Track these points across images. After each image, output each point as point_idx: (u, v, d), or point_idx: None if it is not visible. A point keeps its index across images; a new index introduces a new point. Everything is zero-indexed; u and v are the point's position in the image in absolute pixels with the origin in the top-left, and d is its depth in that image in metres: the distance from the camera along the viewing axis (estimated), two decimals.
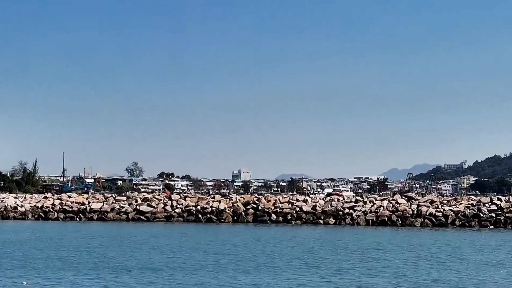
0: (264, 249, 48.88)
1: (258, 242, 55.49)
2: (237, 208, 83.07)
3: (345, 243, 55.16)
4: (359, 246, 52.57)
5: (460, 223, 77.54)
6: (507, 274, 36.57)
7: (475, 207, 79.77)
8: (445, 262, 41.78)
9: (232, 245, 52.46)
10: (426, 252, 48.47)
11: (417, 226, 77.62)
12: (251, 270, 37.17)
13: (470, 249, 51.48)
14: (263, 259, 42.72)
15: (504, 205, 79.47)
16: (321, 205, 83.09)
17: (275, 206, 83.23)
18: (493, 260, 43.60)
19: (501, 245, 55.12)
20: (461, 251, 49.32)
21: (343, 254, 46.45)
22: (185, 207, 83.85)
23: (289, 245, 53.01)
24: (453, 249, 50.86)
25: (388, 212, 79.89)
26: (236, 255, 44.84)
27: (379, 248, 50.90)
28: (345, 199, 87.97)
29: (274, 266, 38.74)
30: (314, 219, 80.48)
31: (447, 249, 50.73)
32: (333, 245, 53.30)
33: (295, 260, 41.90)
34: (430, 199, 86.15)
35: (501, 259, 44.60)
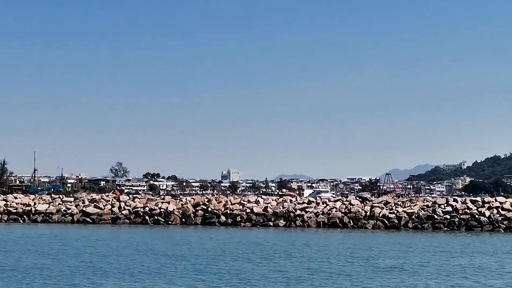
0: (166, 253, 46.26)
1: (164, 245, 52.88)
2: (186, 209, 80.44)
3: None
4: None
5: (414, 225, 74.82)
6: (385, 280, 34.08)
7: (430, 208, 77.00)
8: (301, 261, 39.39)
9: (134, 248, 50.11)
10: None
11: (369, 228, 75.04)
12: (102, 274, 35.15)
13: (369, 251, 48.78)
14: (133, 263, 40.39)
15: (459, 207, 76.71)
16: (273, 206, 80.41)
17: (225, 208, 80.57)
18: (389, 264, 41.12)
19: (425, 248, 52.33)
20: (356, 252, 46.89)
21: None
22: (132, 209, 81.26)
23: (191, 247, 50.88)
24: (351, 250, 48.55)
25: (341, 214, 77.22)
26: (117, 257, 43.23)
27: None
28: (299, 200, 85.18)
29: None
30: (264, 221, 77.87)
31: (344, 251, 48.51)
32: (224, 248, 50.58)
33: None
34: (385, 200, 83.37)
35: (401, 263, 41.91)
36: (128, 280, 33.53)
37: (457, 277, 35.89)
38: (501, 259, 45.49)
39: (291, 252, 47.93)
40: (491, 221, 73.75)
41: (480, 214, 74.76)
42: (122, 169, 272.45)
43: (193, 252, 47.86)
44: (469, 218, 74.54)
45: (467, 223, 74.09)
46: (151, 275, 35.39)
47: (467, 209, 76.09)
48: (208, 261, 41.91)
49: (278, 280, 34.02)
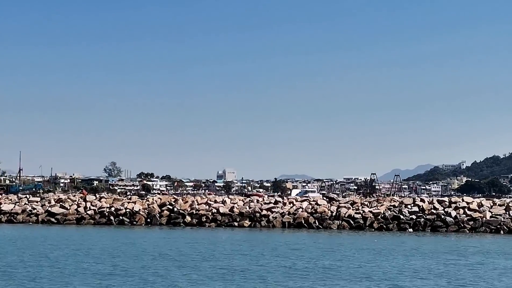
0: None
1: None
2: (152, 209, 79.68)
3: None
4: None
5: (379, 226, 73.92)
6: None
7: (396, 208, 76.10)
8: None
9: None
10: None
11: (334, 228, 74.19)
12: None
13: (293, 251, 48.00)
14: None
15: (426, 207, 75.79)
16: (239, 206, 79.62)
17: (191, 208, 79.80)
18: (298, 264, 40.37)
19: (362, 249, 51.39)
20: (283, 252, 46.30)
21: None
22: (98, 209, 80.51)
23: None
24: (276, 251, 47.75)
25: (306, 214, 76.36)
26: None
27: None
28: (265, 200, 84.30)
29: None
30: (230, 221, 77.07)
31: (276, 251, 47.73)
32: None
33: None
34: (352, 200, 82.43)
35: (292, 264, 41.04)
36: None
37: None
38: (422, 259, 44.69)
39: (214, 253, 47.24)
40: (456, 221, 72.79)
41: (446, 214, 73.83)
42: (116, 168, 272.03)
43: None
44: (435, 219, 73.60)
45: (432, 223, 73.15)
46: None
47: (434, 209, 75.17)
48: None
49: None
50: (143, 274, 35.65)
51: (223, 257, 44.74)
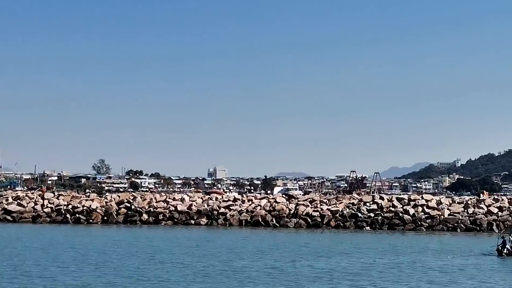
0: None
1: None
2: (110, 207, 78.64)
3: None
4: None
5: (336, 224, 72.82)
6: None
7: (355, 206, 74.98)
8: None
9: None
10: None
11: (291, 226, 73.09)
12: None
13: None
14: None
15: (384, 204, 74.63)
16: (198, 204, 78.53)
17: (149, 205, 78.75)
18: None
19: (277, 247, 50.25)
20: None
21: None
22: (55, 207, 79.44)
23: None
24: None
25: (264, 212, 75.28)
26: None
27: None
28: (224, 198, 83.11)
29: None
30: (187, 219, 76.00)
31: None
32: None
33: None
34: (311, 198, 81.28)
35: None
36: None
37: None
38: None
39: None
40: (414, 219, 71.69)
41: (404, 212, 72.74)
42: (104, 166, 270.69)
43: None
44: (392, 217, 72.55)
45: (390, 221, 72.07)
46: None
47: (392, 207, 74.06)
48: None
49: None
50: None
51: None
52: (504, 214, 70.91)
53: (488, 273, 37.46)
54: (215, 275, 34.71)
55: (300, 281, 33.03)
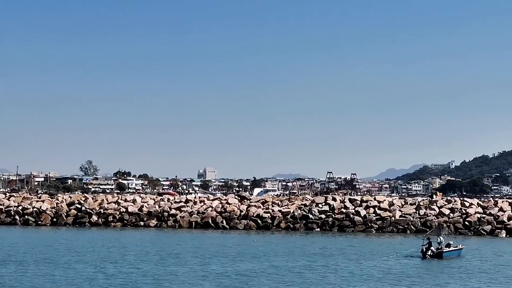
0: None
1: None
2: (60, 208, 77.35)
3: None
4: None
5: (286, 225, 71.40)
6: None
7: (307, 208, 73.55)
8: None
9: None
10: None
11: (241, 228, 71.73)
12: None
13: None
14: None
15: (336, 206, 73.18)
16: (149, 205, 77.18)
17: (100, 207, 77.40)
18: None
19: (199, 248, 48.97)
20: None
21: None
22: (5, 208, 78.16)
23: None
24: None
25: (215, 213, 73.89)
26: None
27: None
28: (176, 199, 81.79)
29: None
30: (137, 221, 74.64)
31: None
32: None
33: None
34: (263, 199, 79.86)
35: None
36: None
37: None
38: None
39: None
40: (365, 221, 70.26)
41: (355, 213, 71.30)
42: (92, 167, 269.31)
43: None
44: (343, 218, 71.10)
45: (340, 223, 70.63)
46: None
47: (344, 208, 72.62)
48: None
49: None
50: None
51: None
52: (456, 215, 69.44)
53: (392, 275, 36.08)
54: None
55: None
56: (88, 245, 52.66)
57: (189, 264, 40.21)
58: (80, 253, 45.98)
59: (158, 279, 33.72)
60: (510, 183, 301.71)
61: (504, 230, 66.70)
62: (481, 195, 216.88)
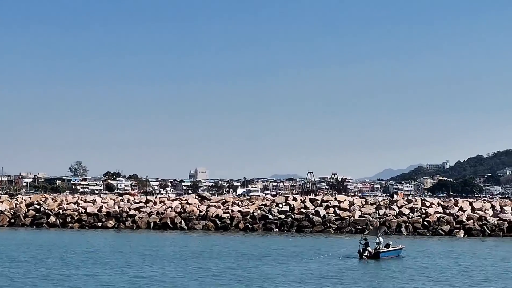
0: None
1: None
2: (19, 209, 76.23)
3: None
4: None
5: (245, 226, 70.23)
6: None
7: (267, 208, 72.41)
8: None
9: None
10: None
11: (199, 229, 70.58)
12: None
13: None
14: None
15: (297, 206, 72.05)
16: (108, 206, 76.04)
17: (59, 207, 76.27)
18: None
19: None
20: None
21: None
22: None
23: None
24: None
25: (174, 214, 72.72)
26: None
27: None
28: (136, 200, 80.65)
29: None
30: (95, 222, 73.46)
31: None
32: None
33: None
34: (224, 199, 78.68)
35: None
36: None
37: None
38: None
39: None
40: (324, 221, 69.12)
41: (315, 214, 70.16)
42: (81, 168, 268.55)
43: None
44: (302, 218, 69.95)
45: (299, 223, 69.48)
46: None
47: (304, 208, 71.48)
48: None
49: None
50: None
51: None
52: (416, 215, 68.31)
53: (319, 276, 34.89)
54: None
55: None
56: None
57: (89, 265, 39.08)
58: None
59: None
60: (502, 183, 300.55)
61: (462, 230, 65.62)
62: (472, 195, 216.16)
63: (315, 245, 54.52)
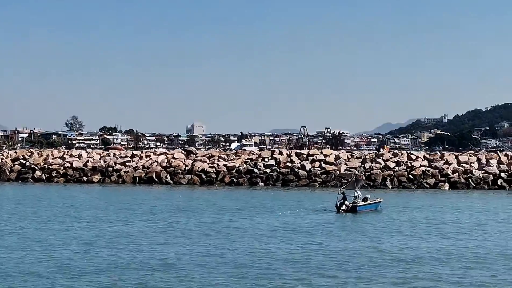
0: None
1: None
2: (4, 164, 75.96)
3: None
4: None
5: (230, 180, 69.97)
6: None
7: (252, 162, 72.05)
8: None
9: None
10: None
11: (184, 183, 70.34)
12: None
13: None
14: None
15: (282, 160, 71.67)
16: (94, 161, 75.67)
17: (45, 162, 75.94)
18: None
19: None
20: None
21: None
22: None
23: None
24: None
25: (160, 168, 72.40)
26: None
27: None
28: (122, 154, 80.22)
29: None
30: (80, 176, 73.18)
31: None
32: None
33: None
34: (210, 154, 78.26)
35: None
36: None
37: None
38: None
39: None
40: (309, 175, 68.82)
41: (300, 167, 69.82)
42: (77, 123, 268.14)
43: None
44: (288, 172, 69.65)
45: (285, 177, 69.20)
46: None
47: (289, 162, 71.10)
48: None
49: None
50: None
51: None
52: (401, 169, 67.97)
53: (293, 230, 34.50)
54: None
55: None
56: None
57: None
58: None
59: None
60: (499, 137, 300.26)
61: (447, 183, 65.35)
62: (469, 149, 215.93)
63: (297, 199, 54.28)
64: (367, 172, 67.79)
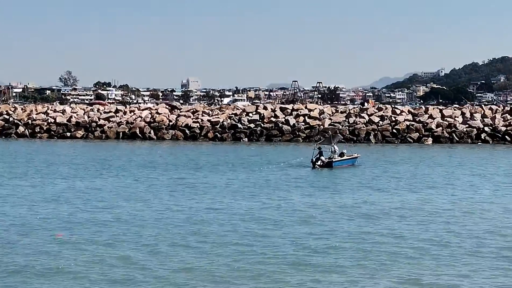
0: None
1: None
2: None
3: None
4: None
5: (214, 135, 69.61)
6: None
7: (237, 117, 71.59)
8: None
9: None
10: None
11: (168, 138, 69.99)
12: None
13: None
14: None
15: (267, 115, 71.24)
16: (78, 116, 75.18)
17: (28, 117, 75.47)
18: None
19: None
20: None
21: None
22: None
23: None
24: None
25: (144, 124, 71.95)
26: None
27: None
28: (106, 109, 79.70)
29: None
30: (64, 132, 72.78)
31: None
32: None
33: None
34: (194, 109, 77.75)
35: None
36: None
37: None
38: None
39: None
40: (293, 130, 68.46)
41: (285, 122, 69.40)
42: (71, 78, 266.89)
43: None
44: (272, 127, 69.25)
45: (268, 132, 68.85)
46: None
47: (274, 117, 70.67)
48: None
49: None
50: None
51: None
52: (385, 123, 67.60)
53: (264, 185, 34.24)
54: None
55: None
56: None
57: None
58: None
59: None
60: (495, 90, 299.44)
61: (431, 137, 65.05)
62: (465, 102, 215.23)
63: (277, 154, 54.05)
64: (351, 127, 67.42)
